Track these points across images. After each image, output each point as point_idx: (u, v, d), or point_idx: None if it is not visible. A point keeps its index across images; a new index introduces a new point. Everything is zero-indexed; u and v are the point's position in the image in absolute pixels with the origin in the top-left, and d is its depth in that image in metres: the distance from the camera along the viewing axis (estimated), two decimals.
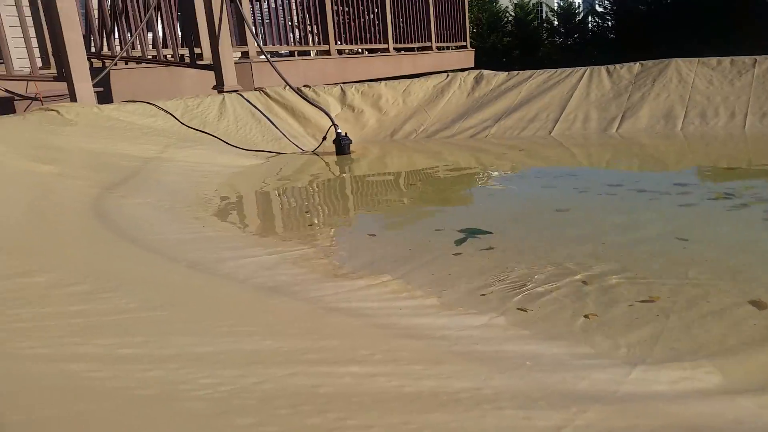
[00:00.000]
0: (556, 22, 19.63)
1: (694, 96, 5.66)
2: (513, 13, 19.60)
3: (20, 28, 4.82)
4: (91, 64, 5.54)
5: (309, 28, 8.35)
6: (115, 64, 5.76)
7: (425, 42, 11.23)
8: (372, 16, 9.64)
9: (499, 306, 1.86)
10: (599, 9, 19.07)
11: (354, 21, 9.02)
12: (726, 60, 5.87)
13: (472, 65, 12.60)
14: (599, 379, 1.31)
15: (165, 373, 0.97)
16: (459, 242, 2.54)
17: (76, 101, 4.68)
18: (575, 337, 1.63)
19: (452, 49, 12.44)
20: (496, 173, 4.66)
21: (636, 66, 6.18)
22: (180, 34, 6.55)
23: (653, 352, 1.53)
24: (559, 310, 1.83)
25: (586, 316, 1.78)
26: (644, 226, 2.77)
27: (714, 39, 14.23)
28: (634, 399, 1.19)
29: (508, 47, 18.87)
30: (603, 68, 6.29)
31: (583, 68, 6.38)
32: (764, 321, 1.68)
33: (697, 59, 5.98)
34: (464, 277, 2.12)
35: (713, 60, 5.92)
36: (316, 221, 3.26)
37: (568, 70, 6.44)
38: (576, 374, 1.31)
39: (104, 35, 6.17)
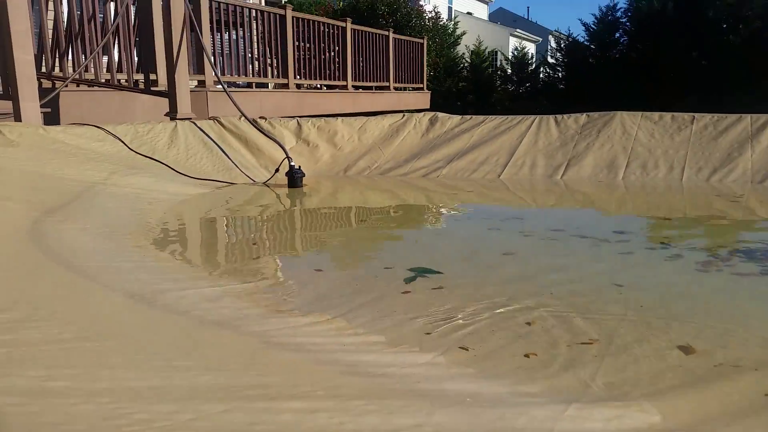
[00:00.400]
0: (509, 71, 20.39)
1: (637, 148, 5.95)
2: (469, 60, 20.27)
3: None
4: (40, 84, 5.40)
5: (269, 61, 8.40)
6: (66, 86, 5.63)
7: (383, 82, 11.47)
8: (333, 53, 9.80)
9: (444, 345, 1.87)
10: (551, 60, 19.94)
11: (315, 57, 9.14)
12: (667, 115, 6.21)
13: (428, 107, 12.91)
14: (537, 416, 1.33)
15: (96, 408, 0.93)
16: (408, 281, 2.56)
17: (20, 121, 4.53)
18: (516, 376, 1.66)
19: (409, 90, 12.74)
20: (446, 213, 4.74)
21: (582, 117, 6.47)
22: (136, 59, 6.48)
23: (589, 391, 1.57)
24: (501, 350, 1.86)
25: (526, 356, 1.81)
26: (584, 271, 2.86)
27: (657, 95, 15.12)
28: None
29: (464, 91, 19.45)
30: (551, 117, 6.55)
31: (533, 116, 6.63)
32: (692, 365, 1.76)
33: (640, 113, 6.32)
34: (410, 316, 2.13)
35: (655, 114, 6.26)
36: (263, 254, 3.21)
37: (519, 117, 6.68)
38: (515, 411, 1.33)
39: (57, 56, 6.04)
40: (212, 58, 6.68)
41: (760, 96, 13.50)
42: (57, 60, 6.05)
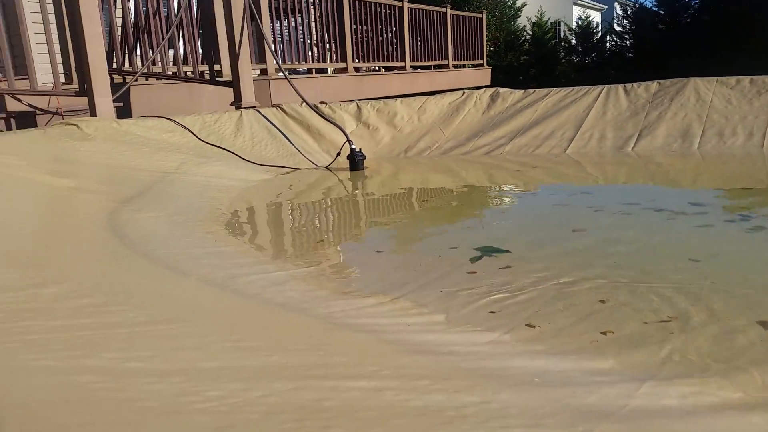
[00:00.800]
0: (573, 41, 19.65)
1: (712, 115, 5.61)
2: (531, 32, 19.64)
3: (45, 45, 4.94)
4: (112, 79, 5.66)
5: (327, 46, 8.45)
6: (136, 80, 5.87)
7: (442, 60, 11.31)
8: (390, 34, 9.74)
9: (510, 323, 1.84)
10: (618, 28, 19.07)
11: (372, 39, 9.11)
12: (745, 79, 5.82)
13: (489, 83, 12.65)
14: (609, 394, 1.29)
15: (169, 386, 0.97)
16: (474, 260, 2.52)
17: (95, 116, 4.77)
18: (586, 353, 1.61)
19: (469, 67, 12.51)
20: (511, 190, 4.64)
21: (654, 85, 6.15)
22: (201, 51, 6.67)
23: (664, 369, 1.51)
24: (571, 327, 1.81)
25: (602, 333, 1.76)
26: (659, 246, 2.73)
27: (732, 59, 14.16)
28: (643, 414, 1.17)
29: (525, 66, 18.90)
30: (620, 87, 6.27)
31: (600, 87, 6.37)
32: None
33: (715, 78, 5.94)
34: (476, 295, 2.11)
35: (732, 79, 5.87)
36: (327, 237, 3.26)
37: (585, 88, 6.43)
38: (586, 389, 1.29)
39: (126, 52, 6.30)
40: (273, 47, 6.79)
41: None
42: (126, 56, 6.31)
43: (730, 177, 4.54)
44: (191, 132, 5.01)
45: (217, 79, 6.42)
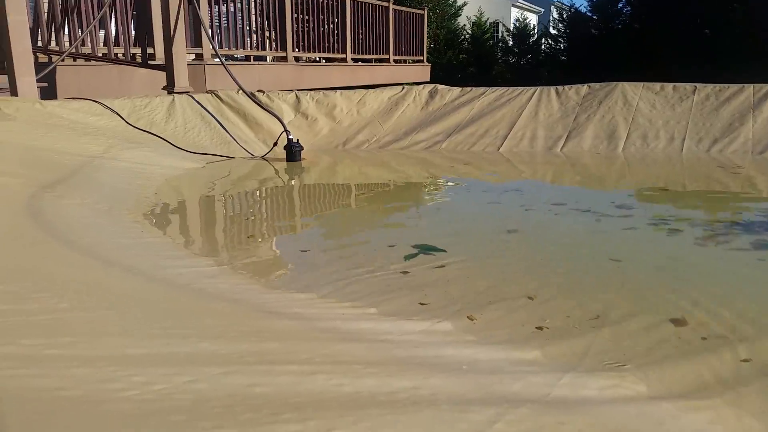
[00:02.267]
0: (511, 42, 20.13)
1: (638, 118, 5.91)
2: (470, 31, 19.99)
3: None
4: (36, 58, 5.36)
5: (267, 33, 8.30)
6: (63, 60, 5.58)
7: (383, 54, 11.34)
8: (332, 26, 9.67)
9: (442, 315, 1.89)
10: (553, 31, 19.67)
11: (314, 30, 9.02)
12: (669, 86, 6.16)
13: (428, 79, 12.78)
14: (534, 382, 1.35)
15: (93, 371, 0.94)
16: (409, 257, 2.55)
17: (17, 95, 4.50)
18: (514, 344, 1.67)
19: (409, 62, 12.59)
20: (447, 187, 4.72)
21: (584, 88, 6.41)
22: (133, 32, 6.41)
23: (585, 361, 1.58)
24: (499, 320, 1.87)
25: (531, 326, 1.82)
26: (584, 246, 2.86)
27: (660, 65, 14.94)
28: (563, 402, 1.23)
29: (464, 64, 19.22)
30: (552, 89, 6.49)
31: (533, 88, 6.57)
32: (684, 337, 1.77)
33: (642, 84, 6.26)
34: (410, 290, 2.14)
35: (657, 85, 6.20)
36: (260, 230, 3.21)
37: (519, 89, 6.62)
38: (512, 376, 1.35)
39: (53, 30, 5.97)
40: (210, 32, 6.60)
41: (763, 66, 13.38)
42: (53, 34, 5.98)
43: (652, 179, 4.80)
44: (120, 116, 4.82)
45: (149, 62, 6.19)
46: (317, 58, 9.62)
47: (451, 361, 1.47)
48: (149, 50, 6.19)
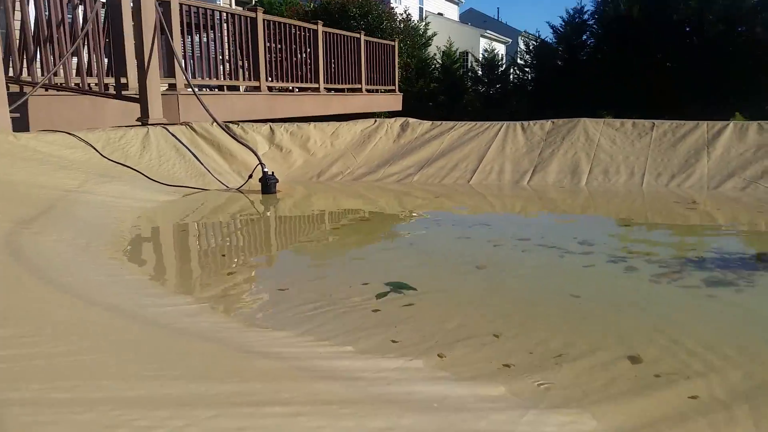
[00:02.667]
0: (480, 72, 20.64)
1: (599, 154, 6.18)
2: (440, 61, 20.46)
3: None
4: (8, 88, 5.36)
5: (240, 63, 8.42)
6: (36, 91, 5.59)
7: (356, 84, 11.57)
8: (304, 55, 9.85)
9: (413, 353, 2.00)
10: (520, 62, 20.25)
11: (286, 59, 9.18)
12: (628, 122, 6.47)
13: (400, 108, 13.05)
14: (497, 420, 1.46)
15: (98, 416, 1.02)
16: (380, 296, 2.65)
17: None
18: (480, 381, 1.79)
19: (382, 92, 12.86)
20: (419, 220, 4.87)
21: (548, 123, 6.68)
22: (107, 62, 6.46)
23: (546, 397, 1.71)
24: (466, 356, 2.00)
25: (496, 363, 1.95)
26: (547, 282, 3.02)
27: (624, 96, 15.55)
28: None
29: (435, 92, 19.62)
30: (518, 124, 6.75)
31: (500, 123, 6.83)
32: (639, 374, 1.92)
33: (603, 120, 6.56)
34: (382, 328, 2.25)
35: (617, 121, 6.51)
36: (237, 266, 3.26)
37: (487, 124, 6.86)
38: (478, 414, 1.46)
39: (25, 59, 5.98)
40: (183, 62, 6.69)
41: (725, 96, 14.08)
42: (25, 64, 5.99)
43: (614, 214, 5.02)
44: (94, 149, 4.86)
45: (123, 92, 6.24)
46: (290, 88, 9.78)
47: (422, 398, 1.58)
48: (123, 80, 6.25)
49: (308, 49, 9.87)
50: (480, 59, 20.99)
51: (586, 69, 17.49)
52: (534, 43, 20.24)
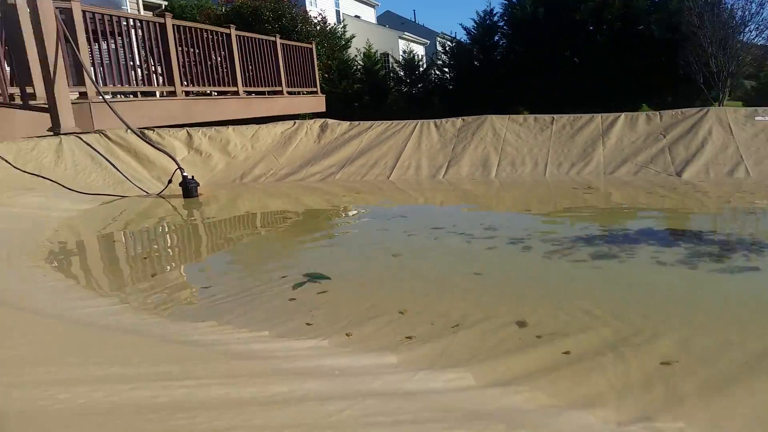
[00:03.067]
0: (401, 73, 21.05)
1: (506, 147, 6.59)
2: (361, 62, 20.70)
3: None
4: None
5: (153, 68, 8.30)
6: None
7: (276, 86, 11.59)
8: (220, 58, 9.80)
9: (325, 333, 2.19)
10: (439, 62, 20.81)
11: (201, 63, 9.11)
12: (530, 117, 6.93)
13: (324, 109, 13.17)
14: (390, 380, 1.68)
15: (25, 392, 1.15)
16: (297, 286, 2.83)
17: None
18: (384, 352, 2.01)
19: (304, 93, 12.93)
20: (341, 215, 5.06)
21: (459, 121, 7.05)
22: (9, 71, 6.24)
23: (440, 361, 1.95)
24: (375, 332, 2.21)
25: (408, 337, 2.17)
26: (453, 264, 3.29)
27: (538, 92, 16.36)
28: (409, 392, 1.58)
29: (360, 93, 19.84)
30: (431, 122, 7.08)
31: (415, 122, 7.14)
32: (523, 336, 2.20)
33: (507, 116, 6.99)
34: (299, 314, 2.43)
35: (520, 117, 6.95)
36: (160, 266, 3.36)
37: (402, 123, 7.15)
38: (374, 377, 1.67)
39: None
40: (91, 70, 6.56)
41: (631, 89, 15.09)
42: None
43: (519, 201, 5.41)
44: (6, 161, 4.74)
45: (30, 102, 6.06)
46: (209, 92, 9.71)
47: (327, 369, 1.78)
48: (28, 89, 6.07)
49: (224, 53, 9.83)
50: (400, 60, 21.41)
51: (501, 68, 18.22)
52: (450, 44, 20.85)
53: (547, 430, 1.44)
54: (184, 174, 5.41)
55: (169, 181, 5.52)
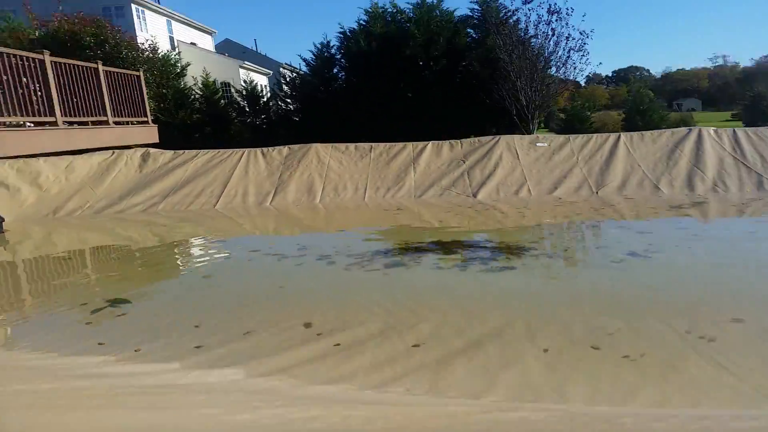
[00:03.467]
0: (243, 103, 20.95)
1: (330, 174, 7.04)
2: (200, 91, 20.30)
3: None
4: None
5: None
6: None
7: (101, 116, 11.07)
8: (36, 86, 9.22)
9: (118, 349, 2.35)
10: (281, 93, 21.07)
11: (11, 91, 8.52)
12: (351, 146, 7.47)
13: (156, 140, 12.75)
14: (168, 377, 1.91)
15: None
16: (95, 311, 2.92)
17: None
18: (170, 358, 2.22)
19: (134, 124, 12.45)
20: (161, 246, 5.08)
21: (285, 149, 7.39)
22: None
23: (224, 360, 2.20)
24: (172, 344, 2.41)
25: (197, 347, 2.38)
26: (261, 279, 3.57)
27: (377, 121, 17.27)
28: (178, 387, 1.82)
29: (200, 123, 19.34)
30: (258, 150, 7.34)
31: (241, 150, 7.35)
32: (305, 335, 2.53)
33: (331, 144, 7.46)
34: (98, 337, 2.55)
35: (342, 145, 7.47)
36: None
37: (229, 151, 7.33)
38: (150, 376, 1.89)
39: None
40: None
41: (458, 119, 16.52)
42: None
43: (337, 222, 5.82)
44: None
45: None
46: (23, 123, 9.07)
47: (110, 376, 1.96)
48: None
49: (38, 81, 9.27)
50: (241, 90, 21.36)
51: (342, 99, 18.93)
52: (291, 75, 21.26)
53: (274, 395, 1.75)
54: None
55: None
